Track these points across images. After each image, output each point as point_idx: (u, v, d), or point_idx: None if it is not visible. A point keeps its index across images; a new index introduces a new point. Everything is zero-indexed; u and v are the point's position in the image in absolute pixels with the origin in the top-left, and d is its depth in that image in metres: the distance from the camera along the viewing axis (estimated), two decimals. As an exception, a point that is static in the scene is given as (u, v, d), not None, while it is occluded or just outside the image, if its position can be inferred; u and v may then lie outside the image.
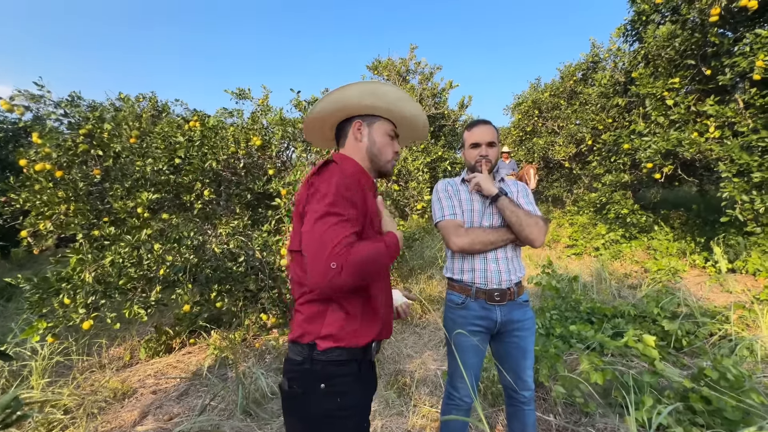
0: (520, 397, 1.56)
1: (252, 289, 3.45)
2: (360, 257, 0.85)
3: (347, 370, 0.95)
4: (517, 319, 1.53)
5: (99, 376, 3.06)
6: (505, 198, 1.48)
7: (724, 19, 4.15)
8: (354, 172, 1.02)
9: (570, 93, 8.58)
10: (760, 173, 3.61)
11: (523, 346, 1.54)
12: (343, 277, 0.83)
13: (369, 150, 1.10)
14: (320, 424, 0.92)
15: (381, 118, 1.14)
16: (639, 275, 4.88)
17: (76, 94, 6.01)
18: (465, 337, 1.52)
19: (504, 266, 1.51)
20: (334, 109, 1.10)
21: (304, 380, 0.94)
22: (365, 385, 1.03)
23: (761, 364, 2.65)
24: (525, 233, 1.44)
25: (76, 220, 2.86)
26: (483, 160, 1.54)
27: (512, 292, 1.52)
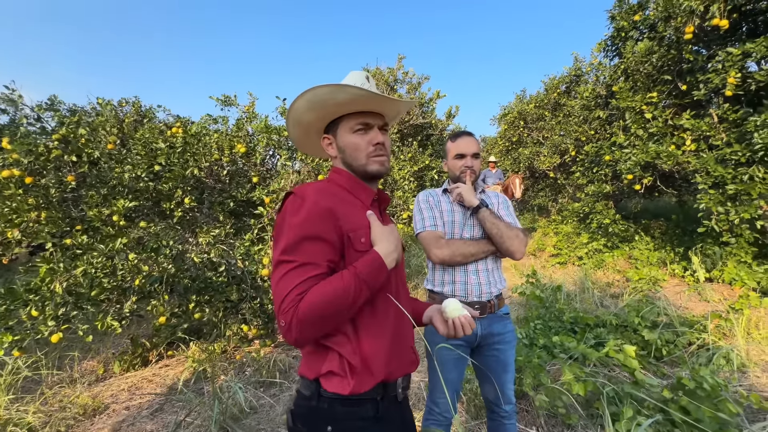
0: (501, 411, 1.55)
1: (233, 300, 3.37)
2: (310, 309, 0.74)
3: (360, 412, 0.82)
4: (497, 332, 1.52)
5: (69, 392, 2.91)
6: (486, 210, 1.48)
7: (697, 37, 4.32)
8: (316, 199, 0.84)
9: (554, 105, 8.77)
10: (734, 185, 3.73)
11: (503, 359, 1.53)
12: (294, 335, 0.75)
13: (344, 160, 0.98)
14: None
15: (342, 119, 0.97)
16: (621, 284, 4.95)
17: (56, 98, 5.86)
18: (445, 351, 1.50)
19: (485, 278, 1.51)
20: (302, 135, 1.06)
21: (309, 419, 0.83)
22: (386, 428, 0.86)
23: (737, 373, 2.70)
24: (506, 245, 1.45)
25: (46, 229, 2.75)
26: (468, 171, 1.55)
27: (492, 304, 1.51)
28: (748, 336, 3.13)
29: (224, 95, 4.15)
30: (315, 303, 0.74)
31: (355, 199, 0.95)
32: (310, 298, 0.74)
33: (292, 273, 0.77)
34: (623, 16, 5.27)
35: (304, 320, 0.73)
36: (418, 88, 8.12)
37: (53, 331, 2.57)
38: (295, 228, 0.81)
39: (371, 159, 0.95)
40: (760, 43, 3.63)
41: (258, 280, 3.38)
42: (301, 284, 0.76)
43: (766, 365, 2.77)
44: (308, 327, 0.74)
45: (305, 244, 0.80)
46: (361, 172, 0.96)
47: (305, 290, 0.76)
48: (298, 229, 0.80)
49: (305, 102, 0.93)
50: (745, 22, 4.36)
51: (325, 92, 0.89)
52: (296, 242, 0.80)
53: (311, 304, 0.74)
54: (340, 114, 0.97)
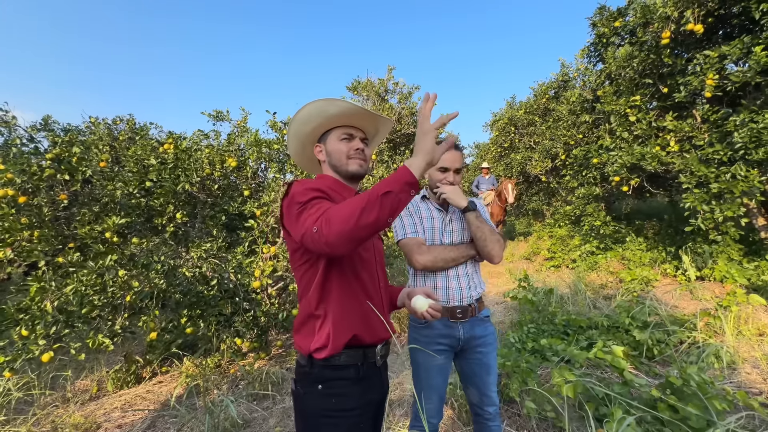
0: (485, 414, 1.56)
1: (226, 313, 3.38)
2: (333, 212, 0.86)
3: (344, 374, 1.02)
4: (479, 335, 1.54)
5: (61, 411, 2.90)
6: (473, 212, 1.51)
7: (675, 41, 4.44)
8: (317, 181, 1.08)
9: (543, 110, 8.92)
10: (718, 184, 3.80)
11: (486, 362, 1.55)
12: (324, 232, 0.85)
13: (330, 163, 1.19)
14: (317, 421, 1.00)
15: (332, 130, 1.19)
16: (614, 286, 4.98)
17: (49, 118, 5.93)
18: (429, 356, 1.52)
19: (465, 283, 1.54)
20: (299, 148, 1.27)
21: (305, 382, 1.03)
22: (366, 387, 1.06)
23: (728, 369, 2.71)
24: (488, 249, 1.48)
25: (39, 247, 2.77)
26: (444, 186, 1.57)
27: (473, 308, 1.54)
28: (738, 333, 3.15)
29: (216, 110, 4.23)
30: (336, 206, 0.88)
31: (338, 196, 1.11)
32: (333, 207, 0.88)
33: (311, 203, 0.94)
34: (604, 23, 5.41)
35: (330, 217, 0.85)
36: (409, 97, 8.24)
37: (44, 351, 2.57)
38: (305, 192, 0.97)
39: (350, 160, 1.15)
40: (735, 45, 3.74)
41: (250, 293, 3.39)
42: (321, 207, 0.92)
43: (755, 361, 2.79)
44: (333, 222, 0.84)
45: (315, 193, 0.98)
46: (343, 171, 1.16)
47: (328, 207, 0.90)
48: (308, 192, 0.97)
49: (304, 114, 1.14)
50: (721, 25, 4.49)
51: (320, 105, 1.12)
52: (307, 191, 0.97)
53: (335, 207, 0.87)
54: (330, 126, 1.18)
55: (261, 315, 3.35)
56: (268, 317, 3.38)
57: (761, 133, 3.58)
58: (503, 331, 3.80)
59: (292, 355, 3.56)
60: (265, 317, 3.39)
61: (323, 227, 0.84)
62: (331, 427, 1.00)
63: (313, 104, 1.12)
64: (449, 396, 2.52)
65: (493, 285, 5.94)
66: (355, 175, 1.17)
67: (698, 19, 4.10)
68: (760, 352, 2.87)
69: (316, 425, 1.01)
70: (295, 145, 1.26)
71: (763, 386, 2.47)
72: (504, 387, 2.44)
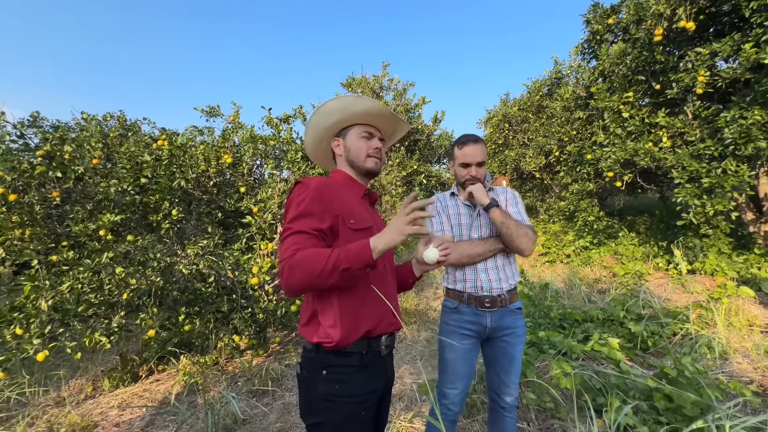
0: (501, 402, 1.57)
1: (223, 310, 3.36)
2: (300, 258, 0.95)
3: (347, 361, 1.05)
4: (507, 326, 1.56)
5: (56, 411, 2.86)
6: (497, 209, 1.52)
7: (668, 38, 4.50)
8: (318, 186, 1.08)
9: (537, 107, 8.97)
10: (709, 179, 3.87)
11: (510, 352, 1.57)
12: (285, 275, 0.95)
13: (347, 158, 1.24)
14: (319, 405, 1.03)
15: (352, 126, 1.26)
16: (608, 280, 5.06)
17: (38, 114, 5.80)
18: (456, 340, 1.55)
19: (494, 275, 1.56)
20: (316, 140, 1.29)
21: (310, 366, 1.07)
22: (369, 375, 1.09)
23: (720, 360, 2.78)
24: (515, 243, 1.49)
25: (31, 246, 2.72)
26: (471, 179, 1.59)
27: (503, 299, 1.55)
28: (729, 324, 3.23)
29: (209, 106, 4.17)
30: (304, 257, 0.95)
31: (349, 192, 1.18)
32: (302, 254, 0.96)
33: (291, 237, 1.01)
34: (598, 20, 5.45)
35: (293, 266, 0.94)
36: (404, 94, 8.23)
37: (39, 350, 2.53)
38: (299, 205, 1.05)
39: (369, 158, 1.22)
40: (726, 42, 3.81)
41: (248, 290, 3.37)
42: (296, 244, 0.99)
43: (746, 351, 2.86)
44: (295, 273, 0.94)
45: (301, 219, 1.04)
46: (361, 168, 1.23)
47: (300, 248, 0.98)
48: (300, 205, 1.04)
49: (329, 108, 1.20)
50: (712, 23, 4.56)
51: (347, 101, 1.19)
52: (296, 217, 1.04)
53: (302, 257, 0.96)
54: (352, 122, 1.25)
55: (259, 312, 3.34)
56: (266, 314, 3.37)
57: (750, 129, 3.65)
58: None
59: (290, 352, 3.55)
60: (264, 314, 3.37)
61: (285, 271, 0.95)
62: (333, 411, 1.03)
63: (341, 99, 1.18)
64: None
65: (489, 280, 5.98)
66: (371, 173, 1.24)
67: (690, 17, 4.16)
68: (750, 342, 2.95)
69: (318, 408, 1.04)
70: (313, 137, 1.29)
71: (753, 375, 2.53)
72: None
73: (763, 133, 3.63)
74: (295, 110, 4.63)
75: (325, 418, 1.03)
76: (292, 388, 2.96)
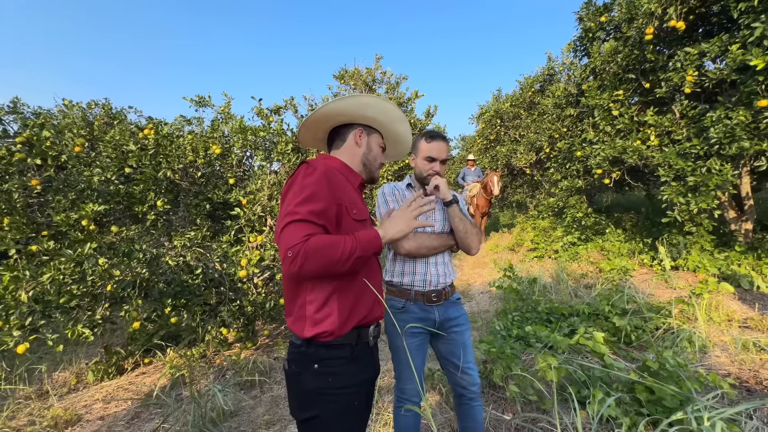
0: (468, 393, 1.60)
1: (211, 303, 3.32)
2: (316, 246, 0.94)
3: (339, 353, 1.05)
4: (453, 316, 1.61)
5: (39, 404, 2.81)
6: (456, 206, 1.59)
7: (658, 37, 4.55)
8: (326, 171, 1.07)
9: (529, 103, 9.01)
10: (694, 177, 3.94)
11: (462, 341, 1.61)
12: (299, 262, 0.92)
13: (365, 156, 1.26)
14: (313, 399, 1.03)
15: (377, 132, 1.29)
16: (594, 275, 5.14)
17: (18, 100, 5.60)
18: (408, 340, 1.56)
19: (441, 270, 1.62)
20: (342, 113, 1.23)
21: (300, 361, 1.05)
22: (360, 366, 1.10)
23: (699, 353, 2.86)
24: (468, 241, 1.57)
25: (9, 235, 2.64)
26: (435, 175, 1.62)
27: (447, 292, 1.61)
28: (709, 319, 3.32)
29: (198, 96, 4.09)
30: (320, 243, 0.95)
31: (346, 181, 1.18)
32: (317, 240, 0.95)
33: (299, 224, 0.98)
34: (590, 17, 5.47)
35: (309, 253, 0.93)
36: (397, 87, 8.18)
37: (19, 342, 2.47)
38: (305, 189, 1.02)
39: (377, 171, 1.31)
40: (714, 43, 3.86)
41: (237, 282, 3.34)
42: (307, 229, 0.97)
43: (724, 345, 2.95)
44: (311, 260, 0.93)
45: (309, 204, 1.00)
46: (369, 174, 1.29)
47: (311, 234, 0.96)
48: (307, 189, 1.01)
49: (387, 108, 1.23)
50: (702, 23, 4.62)
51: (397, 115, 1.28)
52: (303, 201, 1.00)
53: (318, 243, 0.95)
54: (381, 130, 1.31)
55: (247, 304, 3.31)
56: (254, 307, 3.34)
57: (734, 129, 3.72)
58: (488, 319, 3.88)
59: (279, 345, 3.54)
60: (252, 307, 3.34)
61: (299, 258, 0.93)
62: (327, 404, 1.03)
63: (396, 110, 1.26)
64: (436, 381, 2.56)
65: (479, 275, 6.04)
66: (373, 181, 1.32)
67: (680, 16, 4.20)
68: (728, 337, 3.04)
69: (311, 403, 1.03)
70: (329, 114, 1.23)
71: (731, 368, 2.61)
72: (489, 372, 2.50)
73: (747, 133, 3.71)
74: (286, 102, 4.56)
75: (321, 412, 1.02)
76: (281, 381, 2.95)
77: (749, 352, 2.75)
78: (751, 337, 2.89)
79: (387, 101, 1.22)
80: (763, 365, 2.59)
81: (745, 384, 2.41)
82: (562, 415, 2.21)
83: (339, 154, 1.26)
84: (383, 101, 1.22)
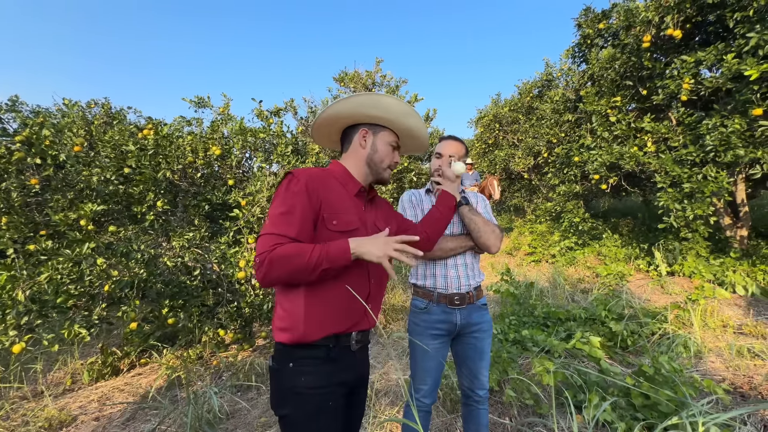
0: (475, 396, 1.63)
1: (209, 304, 3.31)
2: (280, 254, 0.96)
3: (313, 353, 1.06)
4: (475, 322, 1.61)
5: (33, 405, 2.79)
6: (466, 206, 1.59)
7: (655, 45, 4.60)
8: (308, 182, 1.07)
9: (527, 108, 9.07)
10: (690, 184, 3.98)
11: (480, 347, 1.62)
12: (263, 270, 0.96)
13: (369, 157, 1.20)
14: (287, 396, 1.05)
15: (386, 129, 1.23)
16: (591, 280, 5.17)
17: (17, 98, 5.59)
18: (426, 341, 1.58)
19: (463, 272, 1.61)
20: (341, 116, 1.20)
21: (279, 358, 1.08)
22: (336, 368, 1.09)
23: (694, 359, 2.88)
24: (482, 240, 1.55)
25: (7, 234, 2.63)
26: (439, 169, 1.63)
27: (471, 295, 1.60)
28: (704, 325, 3.34)
29: (197, 96, 4.09)
30: (285, 252, 0.96)
31: (342, 189, 1.16)
32: (283, 249, 0.97)
33: (270, 236, 1.01)
34: (589, 24, 5.53)
35: (273, 260, 0.95)
36: (396, 91, 8.20)
37: (14, 341, 2.46)
38: (284, 202, 1.05)
39: (387, 171, 1.23)
40: (710, 52, 3.91)
41: (234, 284, 3.34)
42: (276, 239, 1.00)
43: (719, 351, 2.97)
44: (275, 267, 0.96)
45: (284, 217, 1.03)
46: (377, 175, 1.23)
47: (279, 244, 0.98)
48: (286, 202, 1.05)
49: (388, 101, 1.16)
50: (698, 32, 4.68)
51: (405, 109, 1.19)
52: (279, 214, 1.04)
53: (283, 252, 0.97)
54: (390, 126, 1.23)
55: (245, 306, 3.30)
56: (252, 308, 3.34)
57: (730, 137, 3.77)
58: (486, 323, 3.88)
59: (276, 347, 3.53)
60: (249, 308, 3.34)
61: (264, 266, 0.96)
62: (300, 403, 1.04)
63: (400, 104, 1.18)
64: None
65: (476, 279, 6.05)
66: (383, 182, 1.26)
67: (677, 25, 4.25)
68: (723, 343, 3.06)
69: (285, 400, 1.05)
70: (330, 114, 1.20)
71: (725, 374, 2.63)
72: (488, 375, 2.51)
73: (742, 141, 3.76)
74: (286, 104, 4.57)
75: (292, 410, 1.04)
76: (278, 383, 2.95)
77: (744, 357, 2.78)
78: (745, 343, 2.92)
79: (386, 96, 1.15)
80: (757, 371, 2.61)
81: (739, 390, 2.43)
82: (559, 419, 2.22)
83: (345, 157, 1.24)
84: (380, 97, 1.15)
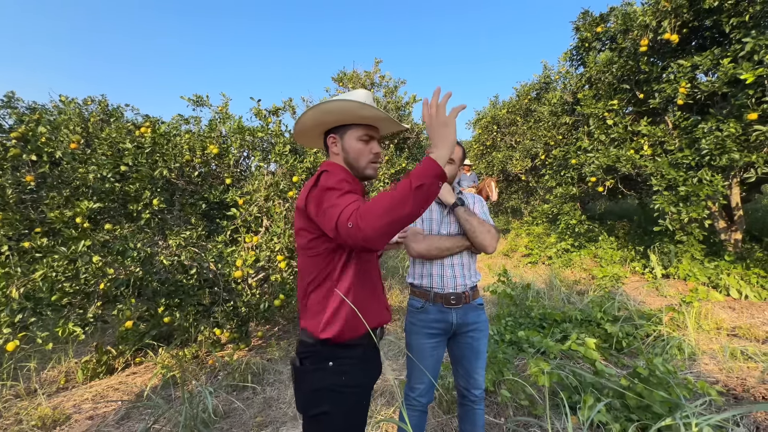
0: (471, 396, 1.64)
1: (205, 303, 3.30)
2: (368, 206, 0.87)
3: (352, 353, 1.11)
4: (471, 321, 1.62)
5: (26, 403, 2.76)
6: (461, 207, 1.61)
7: (652, 49, 4.63)
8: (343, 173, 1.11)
9: (525, 110, 9.11)
10: (685, 187, 4.01)
11: (476, 347, 1.63)
12: (361, 226, 0.85)
13: (345, 160, 1.18)
14: (325, 395, 1.07)
15: (352, 126, 1.18)
16: (587, 282, 5.19)
17: (13, 95, 5.55)
18: (423, 340, 1.59)
19: (459, 272, 1.62)
20: (309, 128, 1.20)
21: (315, 358, 1.09)
22: (368, 367, 1.16)
23: (688, 360, 2.90)
24: (478, 240, 1.56)
25: (2, 231, 2.61)
26: None
27: (467, 295, 1.62)
28: (698, 327, 3.37)
29: (196, 95, 4.08)
30: (371, 200, 0.89)
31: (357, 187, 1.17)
32: (371, 202, 0.89)
33: (345, 195, 0.96)
34: (587, 27, 5.57)
35: (366, 212, 0.86)
36: (395, 91, 8.21)
37: (8, 339, 2.44)
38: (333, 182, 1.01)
39: (369, 165, 1.17)
40: (706, 56, 3.95)
41: (231, 283, 3.33)
42: (353, 198, 0.95)
43: (713, 353, 2.99)
44: (371, 214, 0.86)
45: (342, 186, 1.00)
46: (360, 173, 1.18)
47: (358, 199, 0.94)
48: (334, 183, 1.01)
49: (333, 107, 1.09)
50: (695, 37, 4.72)
51: (354, 106, 1.08)
52: (339, 181, 1.01)
53: (369, 202, 0.89)
54: (353, 122, 1.16)
55: (241, 305, 3.30)
56: (248, 308, 3.33)
57: (725, 140, 3.80)
58: (482, 323, 3.89)
59: (273, 346, 3.52)
60: (246, 308, 3.33)
61: (359, 222, 0.85)
62: (338, 401, 1.07)
63: (346, 103, 1.09)
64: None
65: (473, 280, 6.06)
66: (369, 178, 1.20)
67: (674, 29, 4.29)
68: (717, 345, 3.09)
69: (322, 399, 1.07)
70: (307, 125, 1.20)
71: (719, 375, 2.65)
72: (483, 376, 2.51)
73: (737, 145, 3.79)
74: (285, 103, 4.57)
75: (331, 408, 1.06)
76: (274, 383, 2.94)
77: (737, 360, 2.80)
78: (739, 346, 2.94)
79: (334, 101, 1.09)
80: (750, 373, 2.63)
81: (732, 391, 2.45)
82: (554, 420, 2.23)
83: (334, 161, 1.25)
84: (331, 103, 1.09)
